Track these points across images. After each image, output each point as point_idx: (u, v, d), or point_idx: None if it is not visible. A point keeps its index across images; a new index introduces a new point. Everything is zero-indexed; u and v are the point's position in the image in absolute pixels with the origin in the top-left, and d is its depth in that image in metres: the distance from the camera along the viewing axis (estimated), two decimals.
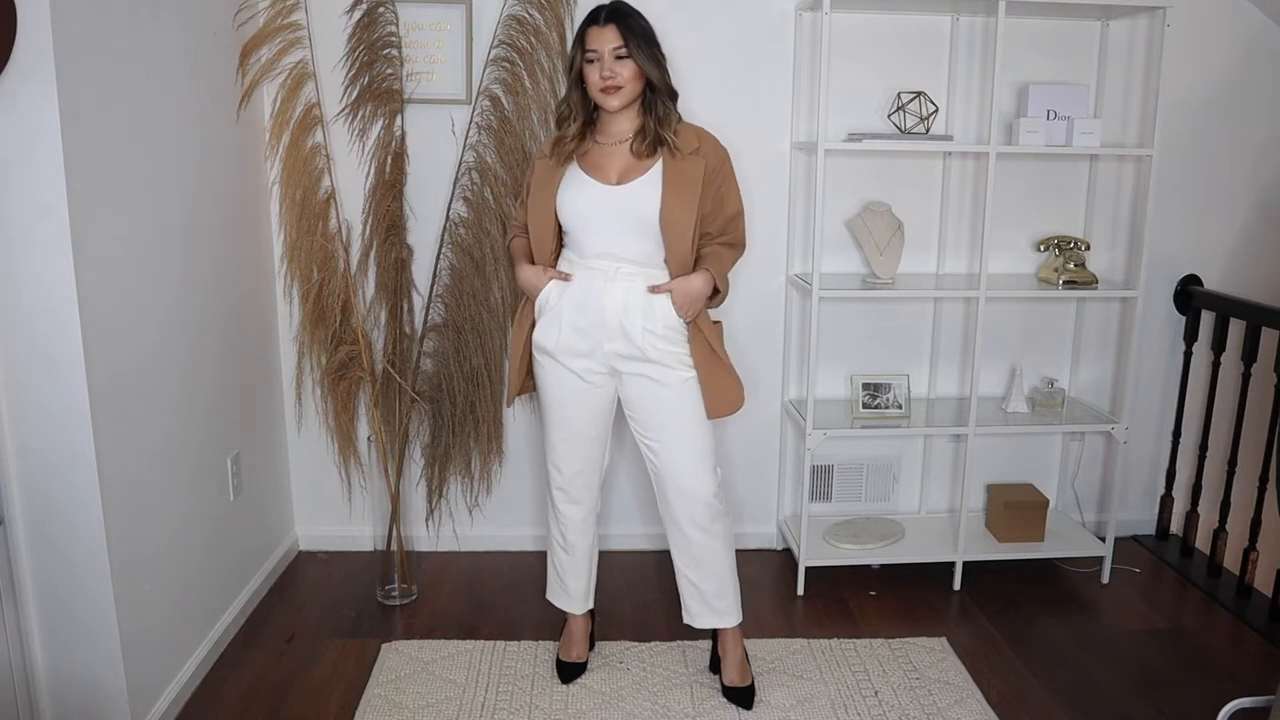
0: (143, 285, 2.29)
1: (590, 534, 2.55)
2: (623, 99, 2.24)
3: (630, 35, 2.21)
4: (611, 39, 2.21)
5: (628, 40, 2.21)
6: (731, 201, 2.36)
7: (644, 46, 2.23)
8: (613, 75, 2.21)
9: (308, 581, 3.13)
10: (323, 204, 2.91)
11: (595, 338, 2.33)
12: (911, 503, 3.45)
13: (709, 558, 2.43)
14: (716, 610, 2.48)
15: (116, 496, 2.16)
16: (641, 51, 2.22)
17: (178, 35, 2.46)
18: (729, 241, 2.38)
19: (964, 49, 3.12)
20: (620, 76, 2.21)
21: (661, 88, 2.27)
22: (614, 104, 2.25)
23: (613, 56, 2.21)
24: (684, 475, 2.38)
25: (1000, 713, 2.46)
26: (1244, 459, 3.15)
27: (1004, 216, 3.18)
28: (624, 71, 2.22)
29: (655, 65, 2.25)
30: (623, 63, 2.22)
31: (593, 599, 2.63)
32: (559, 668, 2.60)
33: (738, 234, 2.40)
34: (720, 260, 2.33)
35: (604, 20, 2.23)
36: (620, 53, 2.21)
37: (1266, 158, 3.31)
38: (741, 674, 2.51)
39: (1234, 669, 2.69)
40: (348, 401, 3.06)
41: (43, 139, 1.93)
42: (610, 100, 2.24)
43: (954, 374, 3.35)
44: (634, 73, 2.23)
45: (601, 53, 2.21)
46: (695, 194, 2.25)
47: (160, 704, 2.34)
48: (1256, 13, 3.19)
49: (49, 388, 2.03)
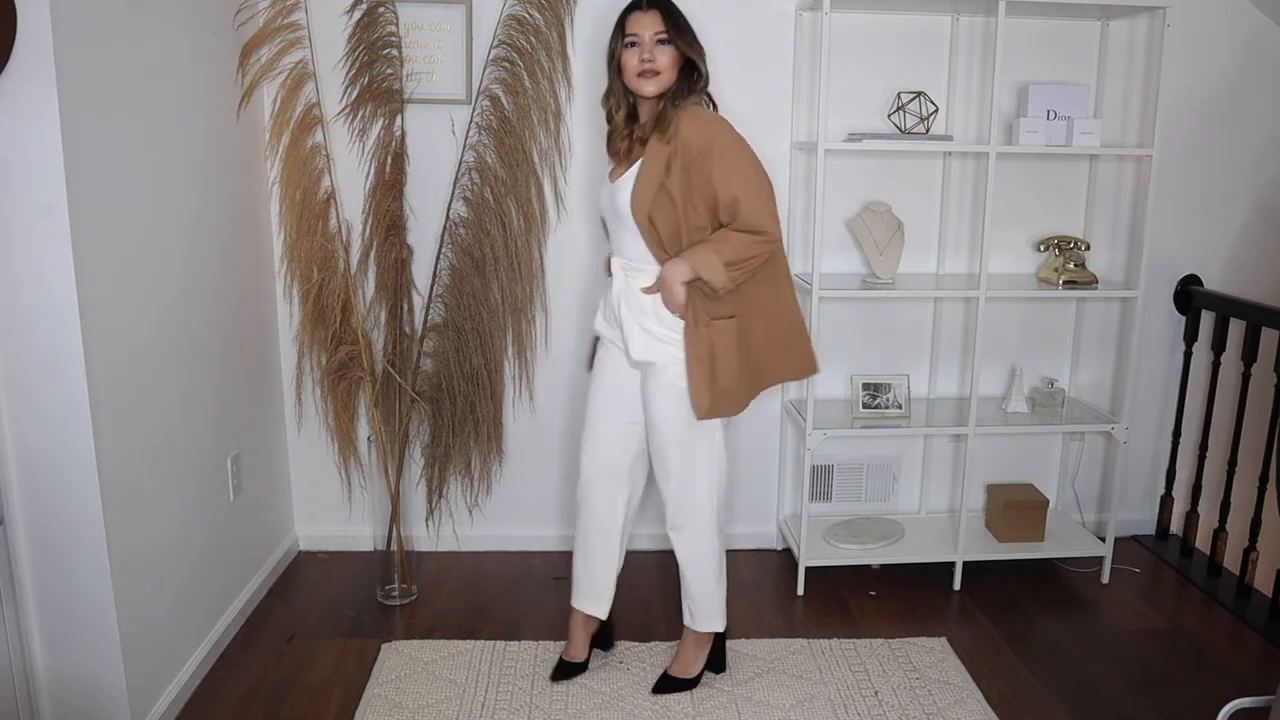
0: (143, 285, 2.29)
1: (603, 529, 2.53)
2: (659, 85, 2.24)
3: (671, 20, 2.23)
4: (654, 24, 2.22)
5: (669, 25, 2.22)
6: (725, 185, 2.19)
7: (685, 32, 2.25)
8: (652, 59, 2.22)
9: (308, 581, 3.13)
10: (323, 204, 2.91)
11: (618, 336, 2.39)
12: (911, 503, 3.45)
13: (688, 561, 2.46)
14: (691, 613, 2.52)
15: (116, 497, 2.16)
16: (683, 37, 2.24)
17: (178, 35, 2.46)
18: (738, 227, 2.21)
19: (964, 49, 3.13)
20: (659, 62, 2.22)
21: (702, 74, 2.27)
22: (650, 89, 2.24)
23: (653, 41, 2.23)
24: (661, 477, 2.40)
25: (1000, 713, 2.46)
26: (1244, 459, 3.15)
27: (1004, 216, 3.18)
28: (663, 58, 2.22)
29: (696, 51, 2.26)
30: (663, 48, 2.23)
31: (598, 602, 2.60)
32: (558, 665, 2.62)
33: (745, 219, 2.19)
34: (706, 245, 2.21)
35: (646, 5, 2.25)
36: (662, 37, 2.23)
37: (1266, 158, 3.31)
38: (681, 668, 2.53)
39: (1234, 669, 2.69)
40: (348, 401, 3.06)
41: (43, 139, 1.93)
42: (646, 85, 2.24)
43: (954, 374, 3.35)
44: (673, 59, 2.23)
45: (643, 37, 2.22)
46: (657, 180, 2.20)
47: (160, 704, 2.34)
48: (1256, 13, 3.19)
49: (49, 388, 2.03)
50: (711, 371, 2.26)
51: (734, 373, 2.29)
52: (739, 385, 2.31)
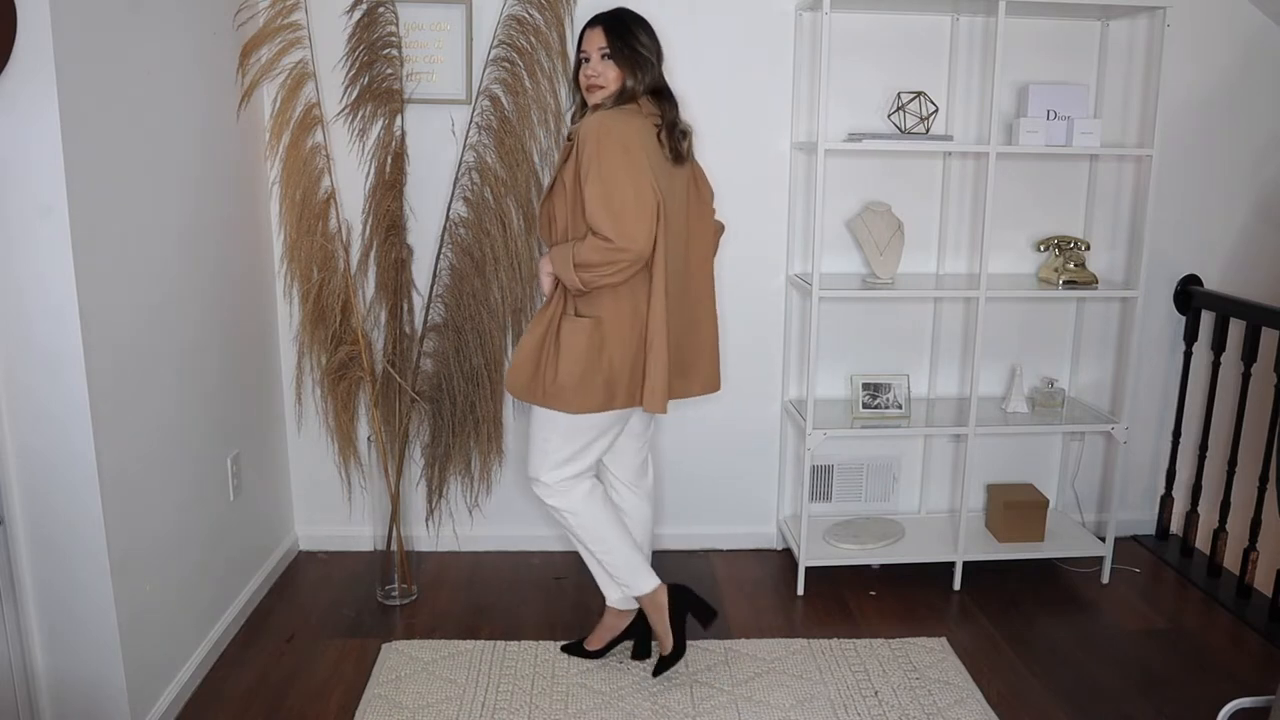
0: (142, 285, 2.29)
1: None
2: (600, 97, 2.38)
3: (614, 38, 2.35)
4: (598, 40, 2.37)
5: (611, 42, 2.35)
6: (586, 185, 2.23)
7: (625, 49, 2.35)
8: (597, 74, 2.36)
9: (308, 581, 3.13)
10: (323, 204, 2.91)
11: None
12: (911, 503, 3.45)
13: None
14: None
15: (116, 496, 2.16)
16: (621, 53, 2.35)
17: (178, 35, 2.46)
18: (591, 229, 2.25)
19: (964, 49, 3.13)
20: (603, 76, 2.36)
21: (636, 89, 2.35)
22: (595, 99, 2.39)
23: (600, 56, 2.36)
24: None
25: (1000, 713, 2.46)
26: (1244, 459, 3.15)
27: (1004, 216, 3.18)
28: (608, 72, 2.36)
29: (633, 67, 2.35)
30: (607, 63, 2.36)
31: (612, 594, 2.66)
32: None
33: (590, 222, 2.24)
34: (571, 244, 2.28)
35: (594, 23, 2.40)
36: (605, 52, 2.36)
37: (1266, 158, 3.31)
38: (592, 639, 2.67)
39: (1234, 669, 2.69)
40: (348, 401, 3.06)
41: (43, 139, 1.93)
42: (592, 97, 2.39)
43: (954, 374, 3.35)
44: (618, 73, 2.36)
45: (590, 53, 2.38)
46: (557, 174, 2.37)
47: (160, 704, 2.34)
48: (1256, 13, 3.19)
49: (49, 388, 2.03)
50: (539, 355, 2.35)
51: (576, 372, 2.32)
52: (581, 386, 2.32)
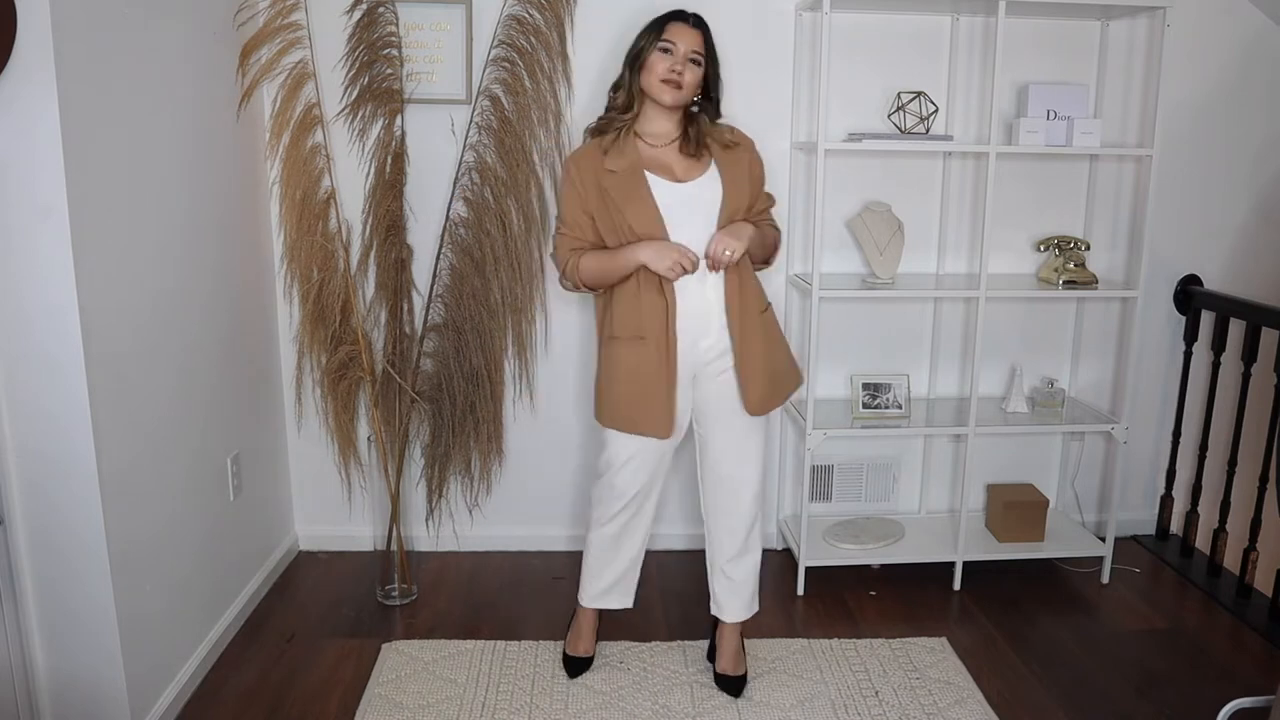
0: (142, 285, 2.29)
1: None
2: (676, 99, 2.31)
3: (709, 48, 2.34)
4: (694, 41, 2.30)
5: (707, 50, 2.32)
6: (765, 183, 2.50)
7: (715, 64, 2.35)
8: (681, 72, 2.28)
9: (308, 581, 3.13)
10: (323, 204, 2.91)
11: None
12: (911, 503, 3.45)
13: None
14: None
15: (116, 496, 2.16)
16: (714, 64, 2.36)
17: (178, 35, 2.46)
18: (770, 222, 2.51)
19: (964, 49, 3.13)
20: (685, 77, 2.30)
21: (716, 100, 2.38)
22: (667, 99, 2.30)
23: (687, 56, 2.29)
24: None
25: (1000, 713, 2.46)
26: (1244, 459, 3.15)
27: (1004, 216, 3.18)
28: (690, 75, 2.30)
29: (713, 83, 2.37)
30: (693, 67, 2.30)
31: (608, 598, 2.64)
32: (566, 662, 2.63)
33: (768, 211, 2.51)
34: (763, 229, 2.45)
35: (694, 23, 2.33)
36: (696, 57, 2.30)
37: (1266, 158, 3.31)
38: (735, 664, 2.56)
39: (1234, 669, 2.69)
40: (348, 401, 3.06)
41: (43, 139, 1.93)
42: (666, 94, 2.30)
43: (954, 374, 3.35)
44: (696, 80, 2.31)
45: (679, 48, 2.28)
46: (746, 182, 2.38)
47: (160, 704, 2.34)
48: (1256, 13, 3.19)
49: (49, 388, 2.03)
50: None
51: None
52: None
